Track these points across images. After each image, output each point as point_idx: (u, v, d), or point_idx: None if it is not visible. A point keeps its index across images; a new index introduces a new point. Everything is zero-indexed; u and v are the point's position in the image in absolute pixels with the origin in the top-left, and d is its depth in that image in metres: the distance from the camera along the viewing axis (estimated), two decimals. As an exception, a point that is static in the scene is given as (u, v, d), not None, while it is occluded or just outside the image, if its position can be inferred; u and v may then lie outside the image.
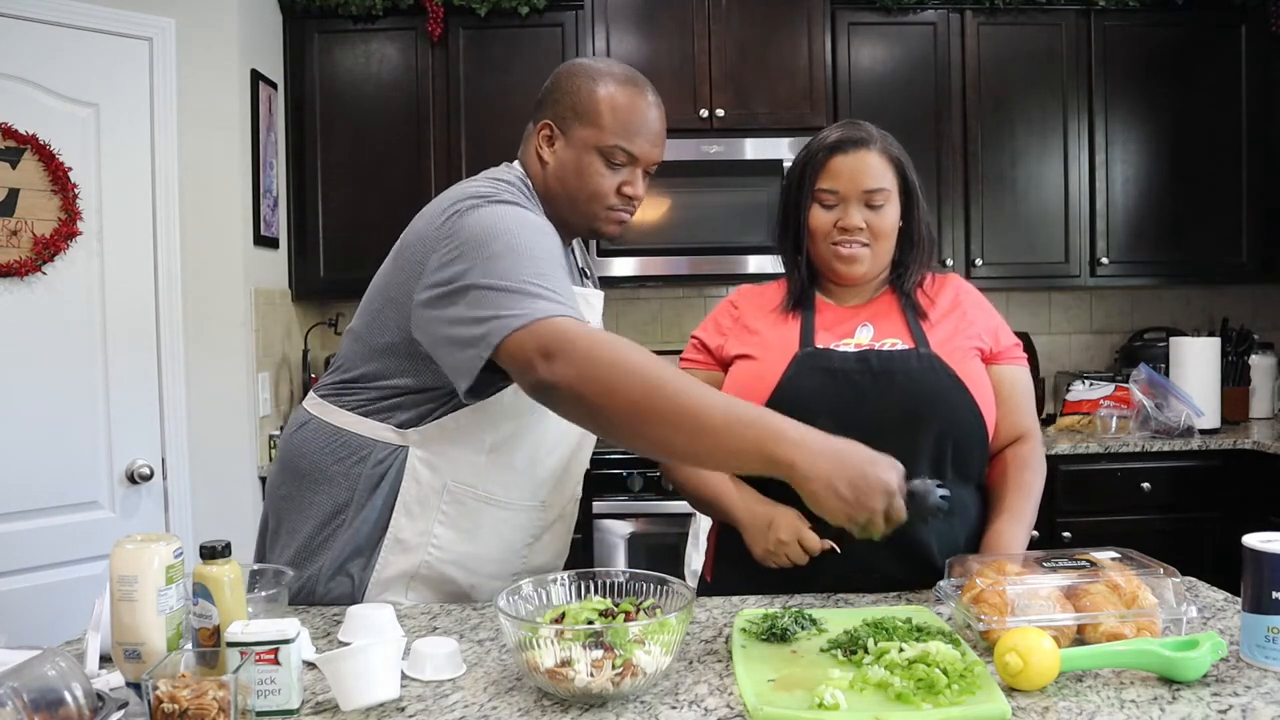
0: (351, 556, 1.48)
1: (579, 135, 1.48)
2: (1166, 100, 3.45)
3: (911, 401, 1.48)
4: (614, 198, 1.50)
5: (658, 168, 1.57)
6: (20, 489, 2.54)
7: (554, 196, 1.52)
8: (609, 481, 3.12)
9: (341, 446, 1.49)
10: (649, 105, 1.50)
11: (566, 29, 3.32)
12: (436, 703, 1.08)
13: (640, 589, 1.22)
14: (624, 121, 1.47)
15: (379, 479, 1.46)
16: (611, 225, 1.54)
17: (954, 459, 1.49)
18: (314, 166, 3.33)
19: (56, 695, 0.95)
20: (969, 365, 1.53)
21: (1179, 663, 1.06)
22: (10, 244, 2.52)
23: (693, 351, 1.67)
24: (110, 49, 2.69)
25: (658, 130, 1.51)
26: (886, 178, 1.55)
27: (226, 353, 2.93)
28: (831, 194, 1.55)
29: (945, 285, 1.65)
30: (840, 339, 1.55)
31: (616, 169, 1.49)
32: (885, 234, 1.55)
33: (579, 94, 1.49)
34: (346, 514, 1.48)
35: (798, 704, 1.02)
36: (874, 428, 1.45)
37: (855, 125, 1.59)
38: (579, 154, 1.49)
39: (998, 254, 3.44)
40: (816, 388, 1.49)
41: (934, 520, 1.34)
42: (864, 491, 1.16)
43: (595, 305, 1.60)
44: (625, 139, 1.47)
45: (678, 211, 3.28)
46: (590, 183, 1.49)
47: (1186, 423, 3.14)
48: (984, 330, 1.59)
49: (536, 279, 1.27)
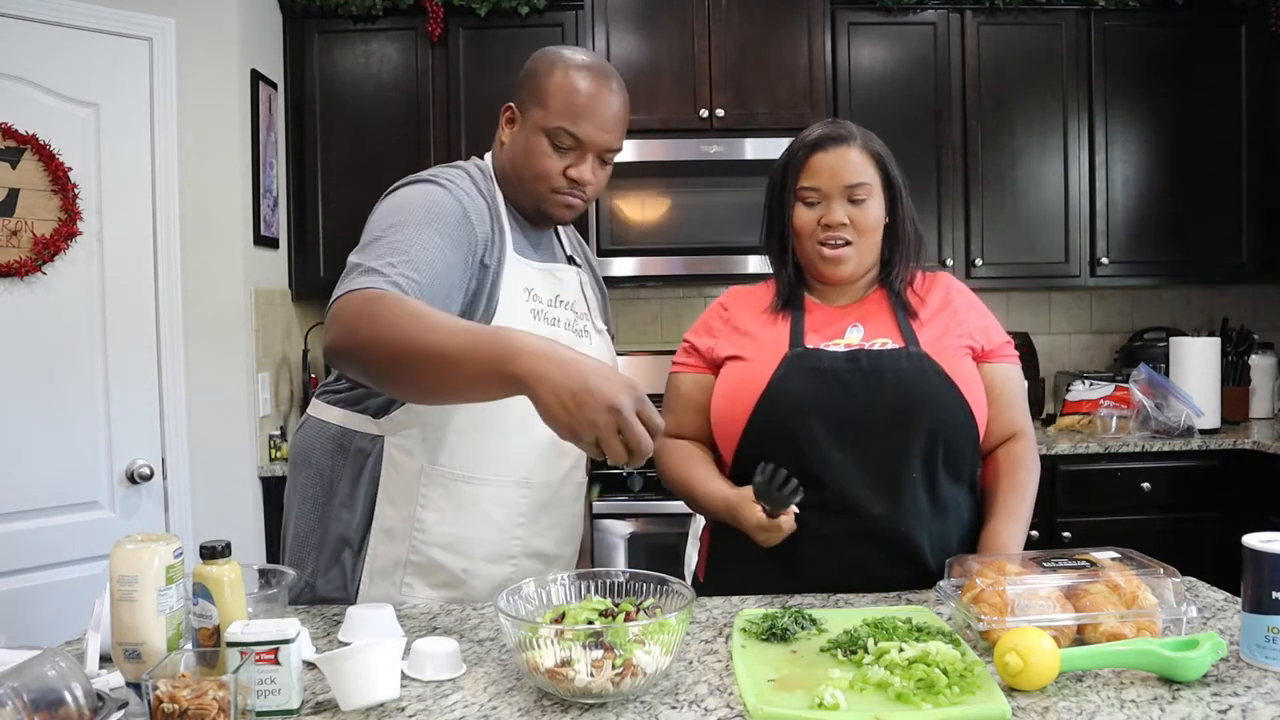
0: (342, 548, 1.51)
1: (532, 117, 1.51)
2: (1166, 100, 3.45)
3: (902, 401, 1.48)
4: (559, 180, 1.51)
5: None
6: (20, 489, 2.54)
7: (507, 178, 1.56)
8: (609, 481, 3.12)
9: (328, 440, 1.53)
10: (601, 91, 1.50)
11: (566, 29, 3.32)
12: (436, 703, 1.08)
13: (640, 589, 1.22)
14: (570, 104, 1.48)
15: (360, 469, 1.50)
16: (559, 209, 1.54)
17: (945, 458, 1.49)
18: (314, 166, 3.33)
19: (56, 695, 0.95)
20: (959, 364, 1.53)
21: (1179, 663, 1.06)
22: (10, 244, 2.52)
23: (683, 354, 1.67)
24: (110, 49, 2.69)
25: (608, 116, 1.50)
26: (868, 173, 1.54)
27: (226, 353, 2.93)
28: (814, 191, 1.55)
29: (936, 284, 1.64)
30: (830, 339, 1.55)
31: (563, 152, 1.50)
32: (869, 229, 1.55)
33: (537, 77, 1.52)
34: (334, 508, 1.52)
35: (798, 704, 1.02)
36: (865, 427, 1.46)
37: (835, 123, 1.60)
38: (529, 135, 1.51)
39: (998, 254, 3.44)
40: (807, 388, 1.49)
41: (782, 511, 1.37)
42: (586, 405, 1.08)
43: (565, 280, 1.61)
44: (570, 121, 1.48)
45: (678, 211, 3.29)
46: (536, 163, 1.51)
47: (1186, 423, 3.14)
48: (975, 329, 1.59)
49: (387, 254, 1.29)
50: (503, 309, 1.47)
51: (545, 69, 1.51)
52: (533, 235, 1.59)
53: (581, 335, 1.60)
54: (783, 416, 1.48)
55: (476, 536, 1.51)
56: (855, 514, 1.46)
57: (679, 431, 1.64)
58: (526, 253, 1.56)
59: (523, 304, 1.51)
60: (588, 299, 1.68)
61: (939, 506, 1.50)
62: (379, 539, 1.50)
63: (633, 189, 3.27)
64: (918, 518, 1.48)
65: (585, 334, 1.62)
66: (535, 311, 1.52)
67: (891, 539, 1.47)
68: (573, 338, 1.57)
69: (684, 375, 1.65)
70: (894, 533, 1.47)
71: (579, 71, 1.50)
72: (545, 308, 1.55)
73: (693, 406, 1.62)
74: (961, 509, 1.54)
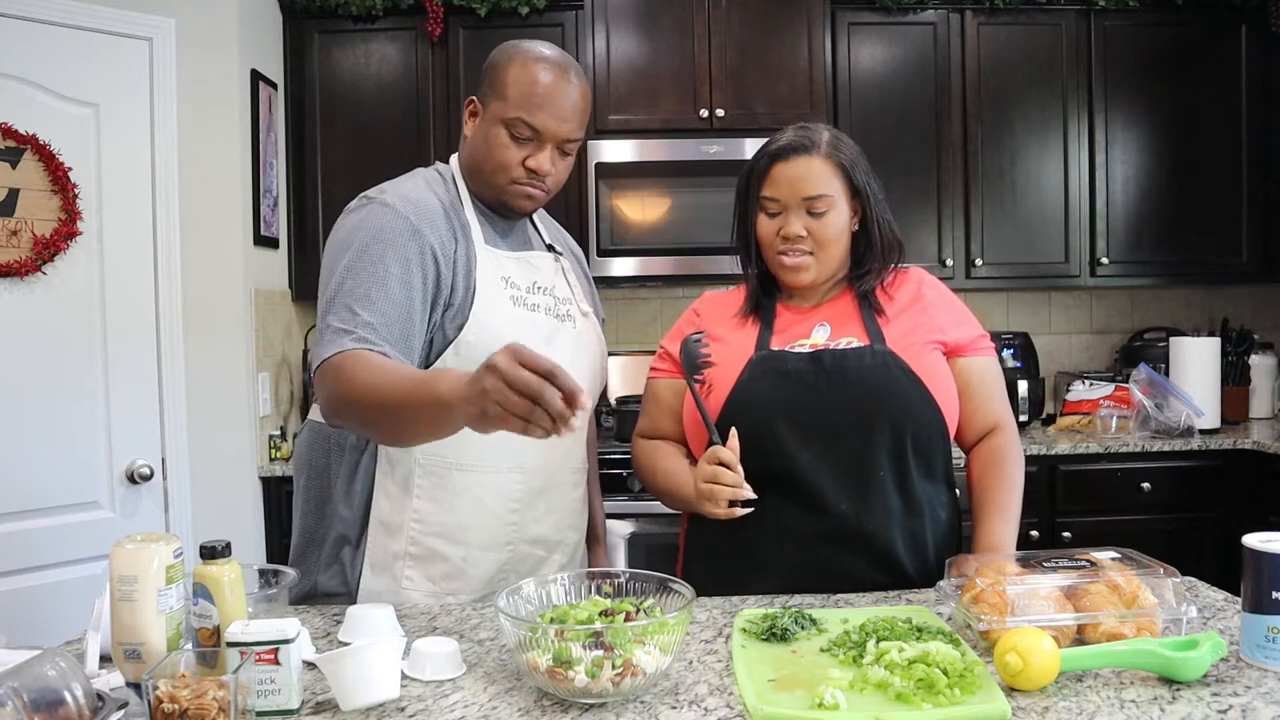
0: (341, 545, 1.54)
1: (491, 109, 1.53)
2: (1166, 100, 3.45)
3: (865, 398, 1.48)
4: (518, 170, 1.52)
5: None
6: (20, 489, 2.54)
7: (470, 170, 1.58)
8: (609, 481, 3.10)
9: (325, 440, 1.56)
10: (558, 82, 1.51)
11: (566, 29, 3.32)
12: (436, 703, 1.08)
13: (640, 589, 1.22)
14: (527, 94, 1.49)
15: (355, 465, 1.53)
16: (520, 200, 1.56)
17: (915, 455, 1.49)
18: (314, 166, 3.34)
19: (56, 695, 0.95)
20: (926, 360, 1.52)
21: (1179, 663, 1.06)
22: (10, 244, 2.52)
23: (659, 361, 1.69)
24: (110, 49, 2.69)
25: (566, 107, 1.51)
26: (830, 184, 1.52)
27: (226, 353, 2.93)
28: (774, 201, 1.54)
29: (905, 280, 1.63)
30: (796, 340, 1.55)
31: (521, 143, 1.51)
32: (828, 241, 1.53)
33: (496, 70, 1.53)
34: (334, 504, 1.54)
35: (798, 704, 1.02)
36: (830, 426, 1.47)
37: (803, 129, 1.56)
38: (488, 127, 1.53)
39: (997, 254, 3.44)
40: (772, 389, 1.50)
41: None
42: (474, 381, 1.13)
43: (540, 266, 1.63)
44: (526, 112, 1.49)
45: (678, 211, 3.28)
46: (495, 155, 1.52)
47: (1186, 423, 3.14)
48: (946, 323, 1.58)
49: (348, 307, 1.41)
50: (481, 298, 1.50)
51: (504, 62, 1.53)
52: (502, 226, 1.61)
53: (563, 320, 1.62)
54: (749, 418, 1.49)
55: (472, 524, 1.52)
56: (824, 512, 1.47)
57: (656, 434, 1.66)
58: (496, 243, 1.58)
59: (500, 292, 1.53)
60: (571, 285, 1.69)
61: (911, 504, 1.50)
62: (377, 532, 1.52)
63: (632, 189, 3.27)
64: (888, 516, 1.48)
65: (568, 318, 1.63)
66: (514, 299, 1.55)
67: (860, 537, 1.48)
68: (554, 322, 1.59)
69: (659, 380, 1.67)
70: (862, 531, 1.47)
71: (537, 63, 1.51)
72: (524, 294, 1.57)
73: (667, 411, 1.65)
74: (937, 507, 1.54)
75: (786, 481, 1.47)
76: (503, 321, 1.50)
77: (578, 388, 1.09)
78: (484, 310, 1.49)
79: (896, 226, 1.60)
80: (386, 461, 1.51)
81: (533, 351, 1.10)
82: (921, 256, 3.35)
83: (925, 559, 1.50)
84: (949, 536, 1.55)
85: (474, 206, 1.58)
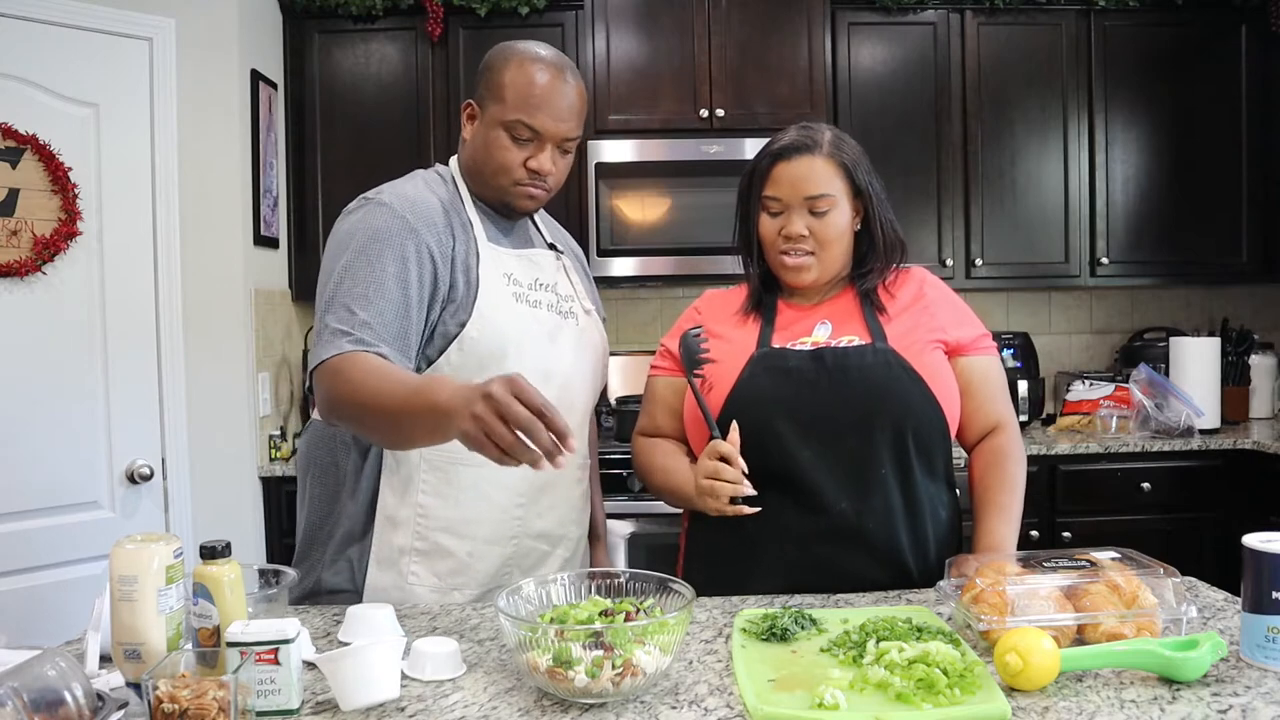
0: (348, 542, 1.54)
1: (490, 112, 1.53)
2: (1166, 100, 3.44)
3: (866, 397, 1.48)
4: (520, 171, 1.54)
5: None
6: (20, 489, 2.54)
7: (471, 173, 1.59)
8: (609, 481, 3.10)
9: (331, 438, 1.56)
10: (555, 82, 1.52)
11: (566, 29, 3.32)
12: (436, 703, 1.08)
13: (640, 589, 1.22)
14: (525, 96, 1.50)
15: (362, 462, 1.54)
16: (523, 200, 1.57)
17: (916, 453, 1.49)
18: (314, 166, 3.34)
19: (56, 695, 0.95)
20: (927, 358, 1.52)
21: (1179, 663, 1.06)
22: (10, 244, 2.52)
23: (659, 358, 1.69)
24: (110, 49, 2.69)
25: (564, 106, 1.52)
26: (832, 184, 1.53)
27: (226, 353, 2.93)
28: (775, 201, 1.55)
29: (907, 279, 1.63)
30: (798, 337, 1.55)
31: (522, 144, 1.53)
32: (830, 241, 1.54)
33: (492, 72, 1.54)
34: (340, 501, 1.55)
35: (798, 704, 1.02)
36: (831, 424, 1.47)
37: (805, 129, 1.57)
38: (488, 130, 1.54)
39: (997, 254, 3.44)
40: (773, 387, 1.50)
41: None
42: (471, 402, 1.15)
43: (542, 264, 1.64)
44: (526, 113, 1.50)
45: (678, 211, 3.28)
46: (496, 157, 1.53)
47: (1186, 423, 3.14)
48: (948, 323, 1.58)
49: (347, 309, 1.42)
50: (484, 294, 1.51)
51: (500, 64, 1.54)
52: (503, 224, 1.62)
53: (566, 316, 1.62)
54: (750, 416, 1.49)
55: (477, 518, 1.53)
56: (824, 511, 1.47)
57: (656, 433, 1.67)
58: (499, 240, 1.59)
59: (504, 288, 1.54)
60: (573, 282, 1.70)
61: (912, 504, 1.50)
62: (384, 527, 1.52)
63: (633, 189, 3.27)
64: (889, 515, 1.48)
65: (570, 315, 1.64)
66: (517, 295, 1.55)
67: (860, 536, 1.48)
68: (556, 319, 1.60)
69: (659, 379, 1.68)
70: (863, 529, 1.47)
71: (533, 64, 1.52)
72: (526, 291, 1.58)
73: (668, 409, 1.65)
74: (938, 506, 1.54)
75: (787, 480, 1.47)
76: (506, 317, 1.51)
77: (568, 429, 1.13)
78: (487, 306, 1.50)
79: (899, 226, 1.60)
80: (392, 457, 1.52)
81: (530, 386, 1.14)
82: (921, 256, 3.35)
83: (926, 558, 1.50)
84: (950, 536, 1.55)
85: (475, 206, 1.59)
